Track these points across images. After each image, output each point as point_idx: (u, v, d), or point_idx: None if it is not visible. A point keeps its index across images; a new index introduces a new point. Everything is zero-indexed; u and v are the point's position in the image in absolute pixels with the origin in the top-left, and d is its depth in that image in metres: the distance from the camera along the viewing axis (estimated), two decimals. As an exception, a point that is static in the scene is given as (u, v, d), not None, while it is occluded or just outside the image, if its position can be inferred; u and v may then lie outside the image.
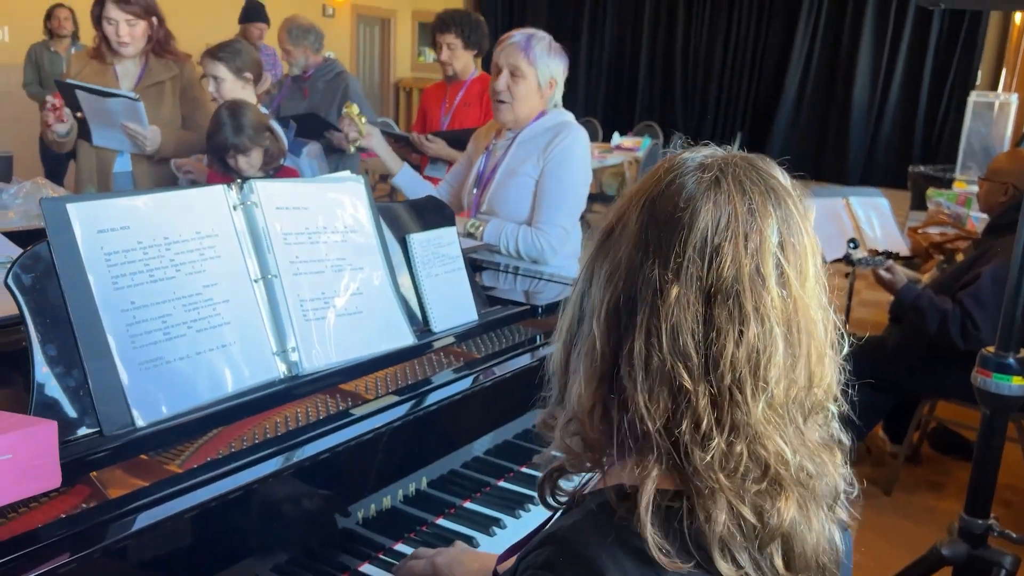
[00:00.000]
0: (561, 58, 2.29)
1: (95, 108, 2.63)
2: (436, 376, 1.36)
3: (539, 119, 2.31)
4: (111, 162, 2.80)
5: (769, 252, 0.69)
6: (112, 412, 0.98)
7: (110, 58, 2.77)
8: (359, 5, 11.01)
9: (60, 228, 0.98)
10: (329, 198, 1.29)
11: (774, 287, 0.68)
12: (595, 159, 7.00)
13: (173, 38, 2.86)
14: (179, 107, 2.88)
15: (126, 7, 2.66)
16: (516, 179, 2.27)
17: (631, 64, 12.99)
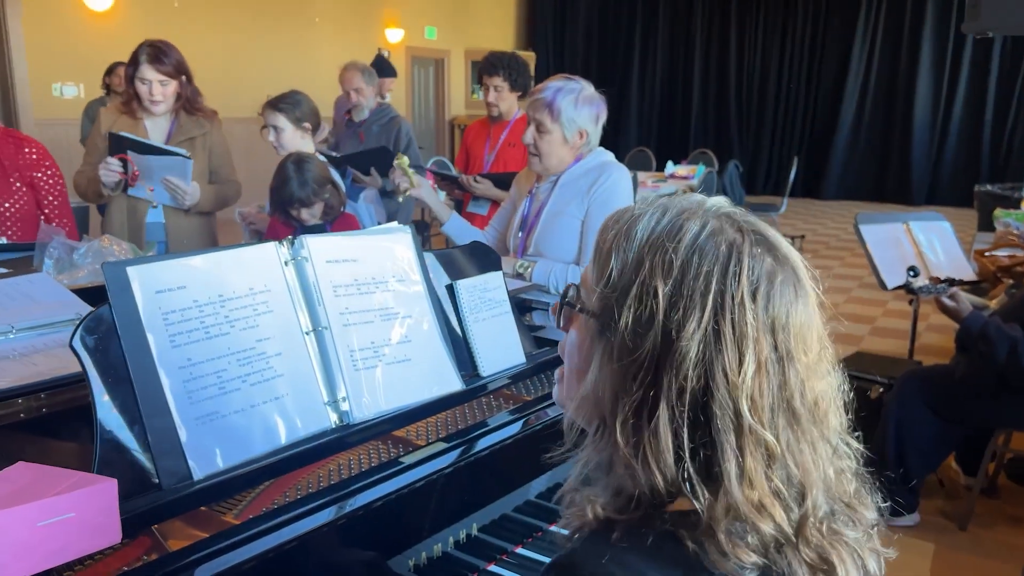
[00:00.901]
0: (591, 107, 2.30)
1: (141, 161, 2.73)
2: (486, 420, 1.37)
3: (578, 162, 2.33)
4: (143, 212, 2.90)
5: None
6: (171, 466, 1.02)
7: (141, 114, 2.89)
8: (413, 47, 11.28)
9: (120, 290, 1.03)
10: (377, 249, 1.32)
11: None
12: (648, 188, 6.99)
13: (201, 96, 2.98)
14: (208, 162, 2.98)
15: (159, 67, 2.78)
16: (561, 220, 2.29)
17: (684, 92, 12.98)
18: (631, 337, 0.72)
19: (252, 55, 8.94)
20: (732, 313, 0.70)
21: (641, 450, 0.71)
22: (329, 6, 9.97)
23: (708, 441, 0.70)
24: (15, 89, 7.23)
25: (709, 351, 0.70)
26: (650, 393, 0.71)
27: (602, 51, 13.42)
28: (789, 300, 0.73)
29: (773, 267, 0.73)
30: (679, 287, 0.71)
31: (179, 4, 8.29)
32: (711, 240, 0.73)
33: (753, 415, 0.69)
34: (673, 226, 0.74)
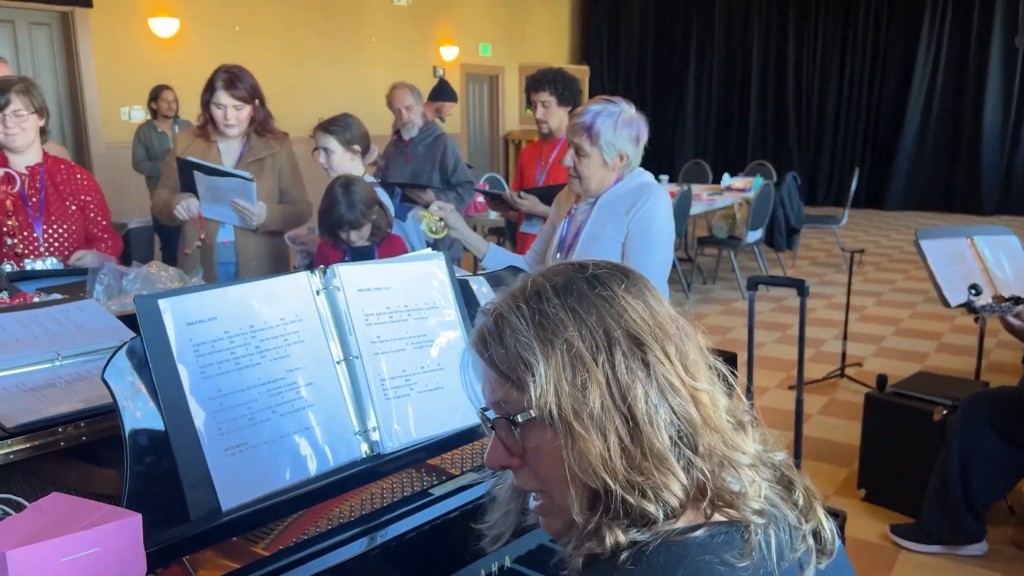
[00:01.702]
0: (631, 128, 2.28)
1: (208, 183, 2.81)
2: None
3: (617, 183, 2.33)
4: (215, 233, 2.97)
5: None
6: (199, 497, 1.02)
7: (214, 136, 2.96)
8: (468, 64, 11.37)
9: (152, 323, 1.05)
10: (410, 277, 1.32)
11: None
12: (704, 201, 6.89)
13: (272, 118, 3.04)
14: (277, 182, 3.04)
15: (234, 92, 2.85)
16: (600, 242, 2.28)
17: (741, 103, 12.80)
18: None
19: (310, 76, 9.13)
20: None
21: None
22: (385, 26, 10.13)
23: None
24: (86, 113, 7.52)
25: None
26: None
27: (657, 63, 13.33)
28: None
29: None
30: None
31: (240, 28, 8.52)
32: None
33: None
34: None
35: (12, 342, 1.42)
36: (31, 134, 2.54)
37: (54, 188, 2.60)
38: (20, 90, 2.49)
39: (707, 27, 12.78)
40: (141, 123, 6.67)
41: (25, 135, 2.51)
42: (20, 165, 2.57)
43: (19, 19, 7.09)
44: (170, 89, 6.46)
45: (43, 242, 2.54)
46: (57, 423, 1.19)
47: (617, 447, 0.72)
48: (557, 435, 0.74)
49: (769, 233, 7.04)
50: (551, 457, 0.75)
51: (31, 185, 2.57)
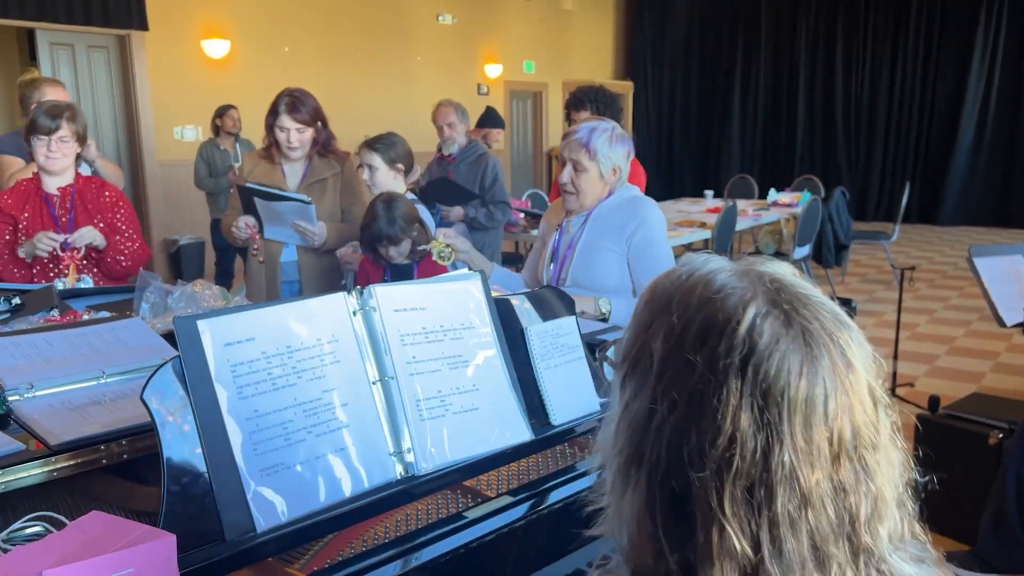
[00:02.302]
0: (623, 144, 2.40)
1: (269, 207, 2.86)
2: (559, 470, 1.34)
3: (609, 197, 2.44)
4: (278, 252, 3.03)
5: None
6: (235, 518, 1.03)
7: (278, 159, 3.02)
8: (511, 81, 11.44)
9: (191, 343, 1.06)
10: (446, 297, 1.32)
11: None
12: (750, 217, 6.80)
13: (335, 139, 3.09)
14: (339, 201, 3.08)
15: (297, 116, 2.91)
16: (599, 254, 2.40)
17: (788, 117, 12.63)
18: (632, 391, 0.70)
19: (356, 94, 9.27)
20: (717, 388, 0.64)
21: (622, 510, 0.70)
22: (430, 44, 10.25)
23: (682, 514, 0.65)
24: (141, 132, 7.73)
25: (685, 425, 0.65)
26: (634, 454, 0.68)
27: (701, 77, 13.25)
28: (791, 371, 0.64)
29: (780, 330, 0.65)
30: (672, 354, 0.67)
31: (289, 49, 8.69)
32: (720, 294, 0.68)
33: (722, 490, 0.63)
34: (690, 289, 0.70)
35: (60, 360, 1.45)
36: (70, 159, 2.64)
37: (83, 208, 2.68)
38: (68, 117, 2.58)
39: (753, 40, 12.67)
40: (204, 141, 6.83)
41: (65, 160, 2.61)
42: (53, 186, 2.66)
43: (79, 43, 7.34)
44: (235, 108, 6.62)
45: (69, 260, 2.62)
46: (99, 441, 1.21)
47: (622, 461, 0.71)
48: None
49: (817, 249, 6.91)
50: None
51: (62, 205, 2.66)
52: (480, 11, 10.84)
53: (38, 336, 1.52)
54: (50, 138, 2.55)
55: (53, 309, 1.90)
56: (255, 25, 8.35)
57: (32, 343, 1.48)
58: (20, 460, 1.14)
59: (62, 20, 6.93)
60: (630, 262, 2.39)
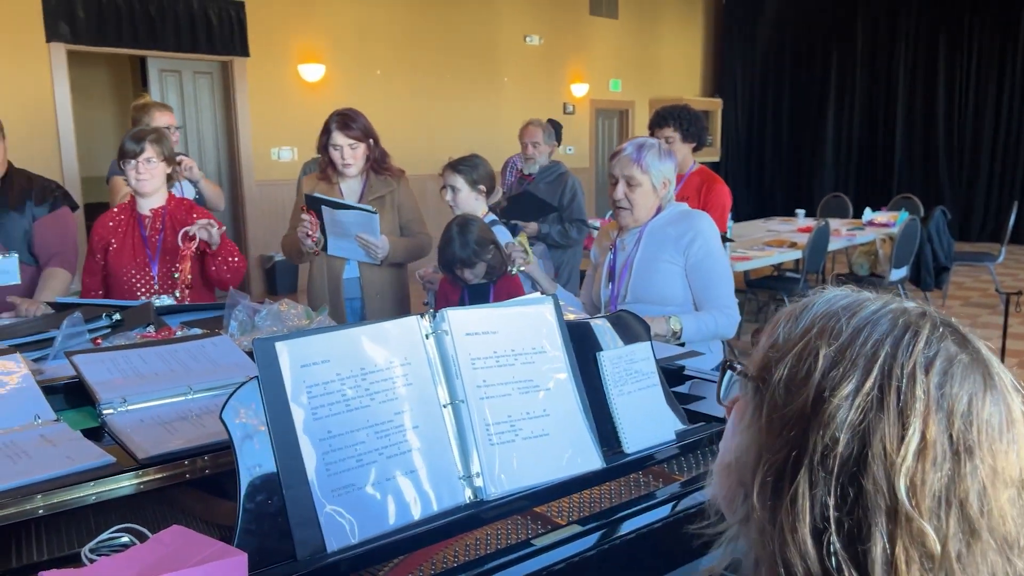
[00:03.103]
0: (671, 159, 2.49)
1: (334, 220, 2.94)
2: (633, 500, 1.32)
3: (660, 213, 2.51)
4: (341, 269, 3.10)
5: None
6: (306, 537, 1.05)
7: (335, 178, 3.11)
8: (598, 100, 11.44)
9: (268, 364, 1.09)
10: (518, 321, 1.32)
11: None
12: (843, 236, 6.58)
13: (388, 156, 3.16)
14: (397, 218, 3.15)
15: (348, 133, 3.00)
16: (659, 267, 2.43)
17: (885, 134, 12.18)
18: (783, 392, 0.68)
19: (445, 115, 9.45)
20: (899, 382, 0.63)
21: (778, 519, 0.65)
22: (517, 65, 10.36)
23: (855, 519, 0.62)
24: (240, 153, 8.08)
25: (867, 417, 0.63)
26: (792, 453, 0.65)
27: (794, 93, 12.92)
28: (974, 389, 0.64)
29: (956, 350, 0.66)
30: (843, 351, 0.66)
31: (381, 72, 8.94)
32: (888, 316, 0.68)
33: (911, 499, 0.61)
34: (852, 303, 0.71)
35: (152, 375, 1.52)
36: (159, 180, 2.76)
37: (173, 229, 2.79)
38: (153, 139, 2.72)
39: (848, 53, 12.27)
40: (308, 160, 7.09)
41: (154, 181, 2.73)
42: (146, 208, 2.79)
43: (185, 69, 7.74)
44: None
45: (157, 280, 2.73)
46: (184, 456, 1.26)
47: (774, 462, 0.68)
48: (748, 407, 0.74)
49: (915, 271, 6.62)
50: (736, 425, 0.76)
51: (152, 226, 2.78)
52: (567, 31, 10.90)
53: (133, 352, 1.60)
54: (137, 161, 2.68)
55: (149, 325, 2.00)
56: (349, 50, 8.62)
57: (127, 358, 1.55)
58: (110, 472, 1.20)
59: (171, 48, 7.33)
60: (688, 273, 2.44)
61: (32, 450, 1.24)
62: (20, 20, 6.51)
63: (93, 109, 9.01)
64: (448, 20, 9.51)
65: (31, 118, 6.58)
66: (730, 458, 0.72)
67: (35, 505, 1.12)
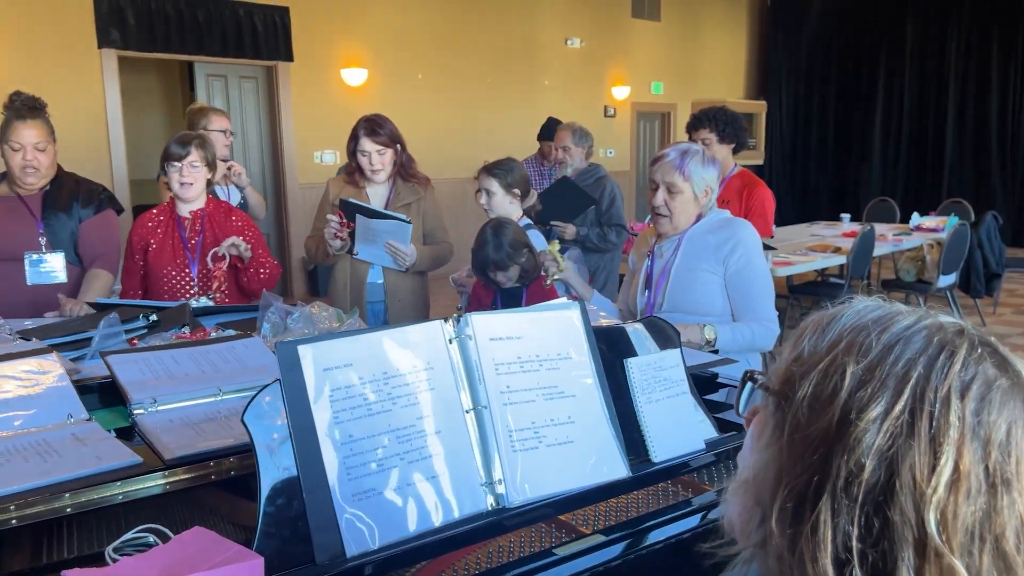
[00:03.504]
0: (714, 166, 2.43)
1: (367, 227, 2.95)
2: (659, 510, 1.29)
3: (700, 220, 2.44)
4: (365, 272, 3.12)
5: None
6: (326, 541, 1.05)
7: (363, 182, 3.13)
8: (639, 102, 11.36)
9: (291, 367, 1.09)
10: (544, 326, 1.30)
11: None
12: (889, 242, 6.43)
13: (415, 162, 3.18)
14: (422, 225, 3.16)
15: (376, 138, 3.02)
16: (697, 275, 2.37)
17: (935, 138, 11.87)
18: (806, 411, 0.64)
19: (485, 119, 9.47)
20: (932, 406, 0.59)
21: (797, 547, 0.62)
22: (558, 68, 10.34)
23: (882, 552, 0.58)
24: (284, 156, 8.19)
25: (896, 443, 0.59)
26: (815, 478, 0.61)
27: (840, 95, 12.68)
28: (1013, 416, 0.60)
29: (995, 373, 0.61)
30: (872, 369, 0.62)
31: (422, 76, 8.99)
32: (922, 333, 0.63)
33: (941, 534, 0.57)
34: (884, 316, 0.66)
35: (183, 376, 1.54)
36: (201, 184, 2.80)
37: (212, 231, 2.84)
38: (197, 144, 2.77)
39: (897, 54, 11.99)
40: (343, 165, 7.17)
41: (197, 185, 2.78)
42: (185, 211, 2.84)
43: (231, 74, 7.87)
44: None
45: (196, 281, 2.77)
46: (210, 457, 1.27)
47: (795, 486, 0.65)
48: (768, 423, 0.71)
49: (965, 278, 6.44)
50: (755, 442, 0.72)
51: (192, 228, 2.82)
52: (608, 34, 10.85)
53: (166, 352, 1.62)
54: (182, 164, 2.73)
55: (184, 326, 2.02)
56: (391, 54, 8.69)
57: (160, 359, 1.58)
58: (137, 472, 1.21)
59: (217, 53, 7.46)
60: (727, 283, 2.37)
61: (63, 449, 1.26)
62: (73, 27, 6.68)
63: (142, 113, 9.21)
64: (489, 24, 9.53)
65: (84, 122, 6.75)
66: (747, 475, 0.68)
67: (63, 503, 1.14)
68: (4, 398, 1.38)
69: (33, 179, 2.76)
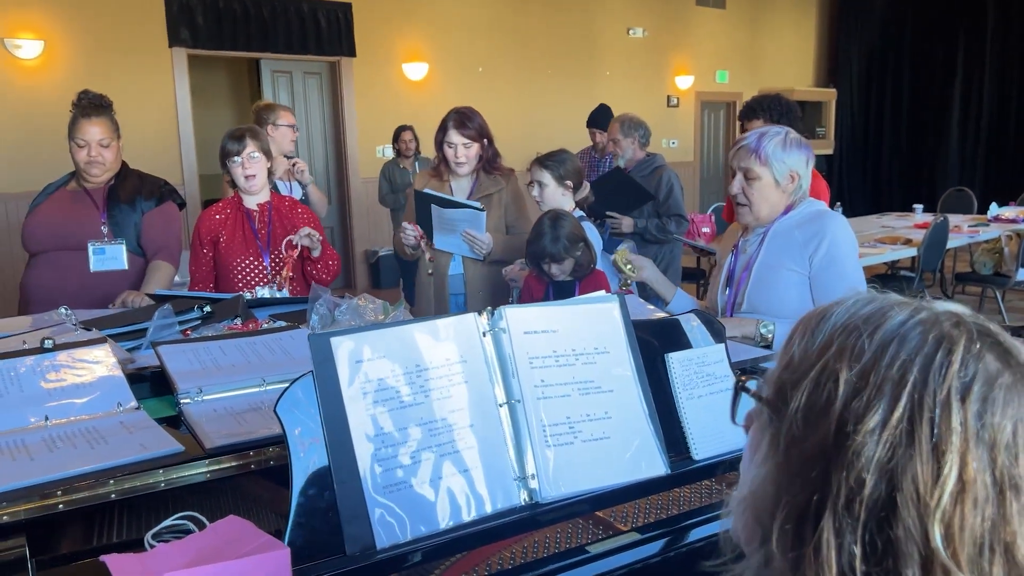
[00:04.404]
0: (800, 149, 2.19)
1: (442, 216, 2.98)
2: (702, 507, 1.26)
3: (788, 212, 2.22)
4: (446, 265, 3.14)
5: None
6: (357, 532, 1.05)
7: (447, 176, 3.14)
8: (703, 92, 11.16)
9: (324, 360, 1.10)
10: (580, 320, 1.28)
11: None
12: (964, 233, 6.18)
13: (500, 156, 3.17)
14: (503, 217, 3.15)
15: (464, 131, 3.02)
16: (779, 274, 2.18)
17: (1018, 124, 11.32)
18: (801, 424, 0.61)
19: (546, 110, 9.43)
20: (932, 412, 0.56)
21: (800, 569, 0.59)
22: (621, 58, 10.23)
23: (887, 571, 0.55)
24: (347, 151, 8.31)
25: (896, 455, 0.55)
26: (814, 496, 0.58)
27: (915, 81, 12.19)
28: (1019, 414, 0.56)
29: (997, 369, 0.57)
30: (866, 375, 0.58)
31: (483, 69, 9.00)
32: (917, 330, 0.59)
33: (947, 548, 0.54)
34: (875, 312, 0.62)
35: (229, 366, 1.56)
36: (263, 173, 2.86)
37: (280, 223, 2.90)
38: (251, 135, 2.82)
39: (977, 36, 11.46)
40: (387, 161, 7.26)
41: (260, 176, 2.84)
42: (252, 203, 2.90)
43: (296, 70, 8.02)
44: (408, 129, 6.97)
45: (270, 270, 2.83)
46: (250, 447, 1.29)
47: (794, 506, 0.62)
48: (763, 435, 0.68)
49: (1047, 271, 6.14)
50: (752, 455, 0.70)
51: (260, 220, 2.88)
52: (672, 23, 10.68)
53: (214, 343, 1.65)
54: (242, 157, 2.79)
55: (237, 317, 2.07)
56: (451, 48, 8.72)
57: (208, 350, 1.61)
58: (178, 461, 1.24)
59: (282, 50, 7.61)
60: (812, 283, 2.17)
61: (110, 436, 1.29)
62: (144, 28, 6.90)
63: (211, 110, 9.45)
64: (550, 15, 9.47)
65: (155, 119, 6.97)
66: (745, 491, 0.65)
67: (108, 489, 1.17)
68: (59, 386, 1.43)
69: (97, 171, 2.87)
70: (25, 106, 6.38)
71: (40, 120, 6.21)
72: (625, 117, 4.39)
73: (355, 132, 8.31)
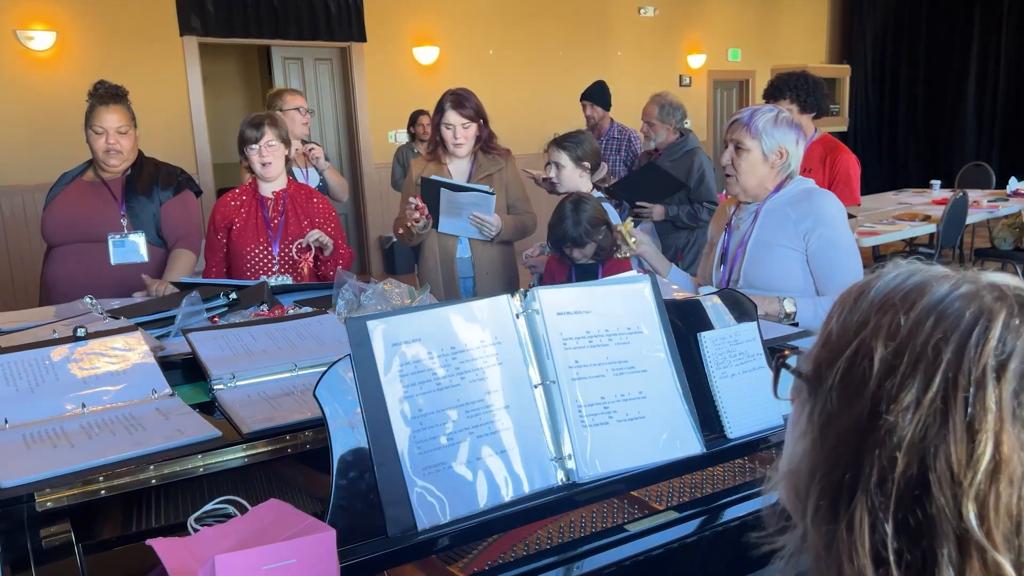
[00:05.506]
0: (792, 128, 2.26)
1: (451, 201, 2.97)
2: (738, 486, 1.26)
3: (780, 190, 2.28)
4: (454, 248, 3.14)
5: None
6: (397, 514, 1.06)
7: (445, 158, 3.14)
8: (715, 71, 11.06)
9: (361, 343, 1.10)
10: (613, 300, 1.28)
11: None
12: (984, 208, 6.12)
13: (495, 137, 3.17)
14: (505, 196, 3.17)
15: (462, 112, 3.02)
16: (774, 251, 2.24)
17: (1035, 96, 11.15)
18: (836, 401, 0.60)
19: (557, 91, 9.37)
20: (966, 392, 0.55)
21: (834, 547, 0.59)
22: (632, 39, 10.15)
23: (921, 549, 0.55)
24: (359, 136, 8.30)
25: (929, 434, 0.55)
26: (847, 474, 0.58)
27: (930, 56, 12.03)
28: None
29: None
30: (901, 353, 0.57)
31: (494, 51, 8.95)
32: (956, 304, 0.58)
33: (982, 527, 0.53)
34: (916, 286, 0.61)
35: (260, 352, 1.57)
36: (281, 161, 2.86)
37: (294, 212, 2.90)
38: (270, 123, 2.82)
39: (994, 11, 11.30)
40: (400, 145, 7.24)
41: (277, 164, 2.83)
42: (268, 191, 2.90)
43: (306, 56, 8.01)
44: (426, 114, 6.95)
45: (277, 260, 2.83)
46: (286, 431, 1.29)
47: (828, 484, 0.62)
48: (801, 411, 0.67)
49: (1068, 245, 6.08)
50: (792, 429, 0.69)
51: (274, 208, 2.88)
52: (683, 1, 10.58)
53: (244, 330, 1.66)
54: (259, 145, 2.79)
55: (263, 304, 2.07)
56: (462, 31, 8.68)
57: (238, 336, 1.62)
58: (216, 446, 1.24)
59: (293, 36, 7.59)
60: (810, 261, 2.23)
61: (147, 422, 1.30)
62: (155, 17, 6.90)
63: (223, 97, 9.46)
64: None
65: (168, 108, 6.98)
66: (786, 468, 0.65)
67: (148, 475, 1.18)
68: (94, 374, 1.44)
69: (116, 160, 2.87)
70: (38, 98, 6.40)
71: (54, 111, 6.23)
72: (664, 100, 4.18)
73: (367, 117, 8.30)
